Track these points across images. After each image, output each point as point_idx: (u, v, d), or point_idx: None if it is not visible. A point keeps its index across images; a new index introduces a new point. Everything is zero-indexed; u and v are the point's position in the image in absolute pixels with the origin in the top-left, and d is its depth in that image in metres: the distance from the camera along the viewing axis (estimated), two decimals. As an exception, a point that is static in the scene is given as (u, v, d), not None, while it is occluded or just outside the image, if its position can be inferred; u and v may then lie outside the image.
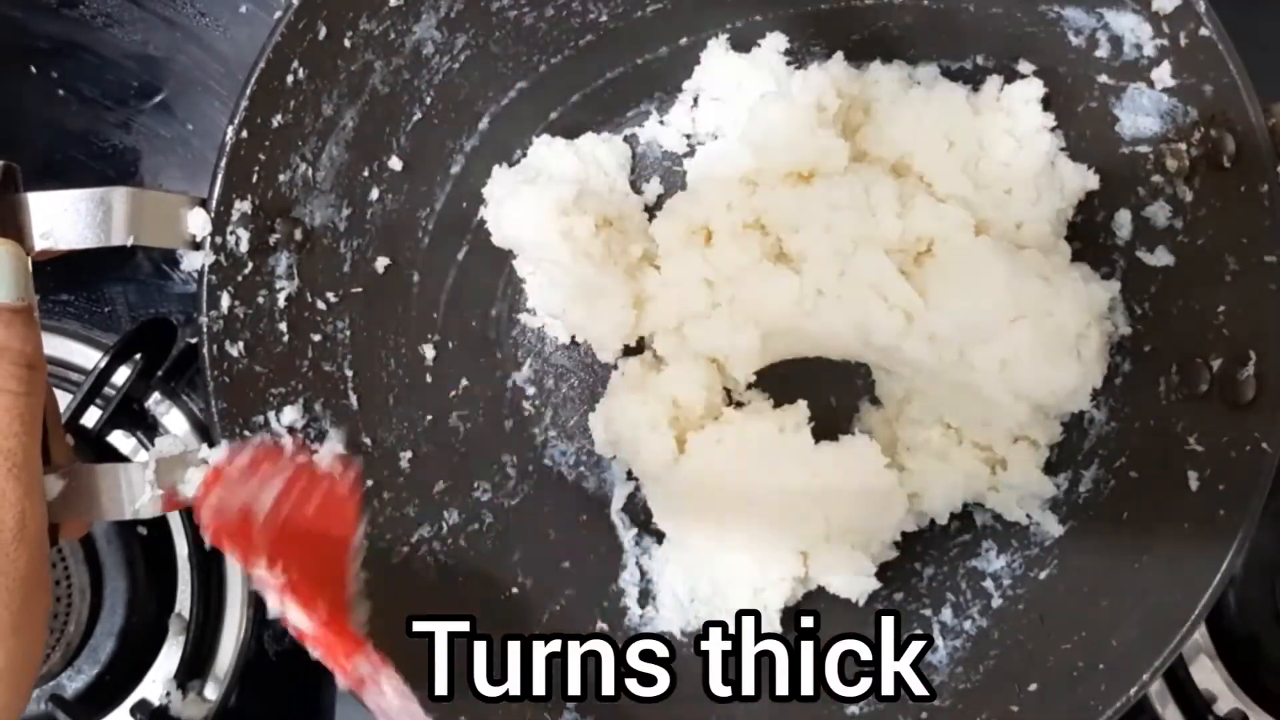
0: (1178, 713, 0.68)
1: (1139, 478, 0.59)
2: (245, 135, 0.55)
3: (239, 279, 0.56)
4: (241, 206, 0.55)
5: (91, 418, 0.70)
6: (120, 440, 0.73)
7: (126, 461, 0.65)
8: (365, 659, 0.49)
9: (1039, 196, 0.62)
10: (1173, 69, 0.55)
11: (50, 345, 0.72)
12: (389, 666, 0.49)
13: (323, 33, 0.57)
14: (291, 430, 0.58)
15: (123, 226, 0.50)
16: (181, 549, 0.71)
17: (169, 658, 0.70)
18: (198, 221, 0.54)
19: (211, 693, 0.71)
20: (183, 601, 0.71)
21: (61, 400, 0.66)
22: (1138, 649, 0.54)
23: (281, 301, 0.58)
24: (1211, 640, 0.68)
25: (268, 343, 0.58)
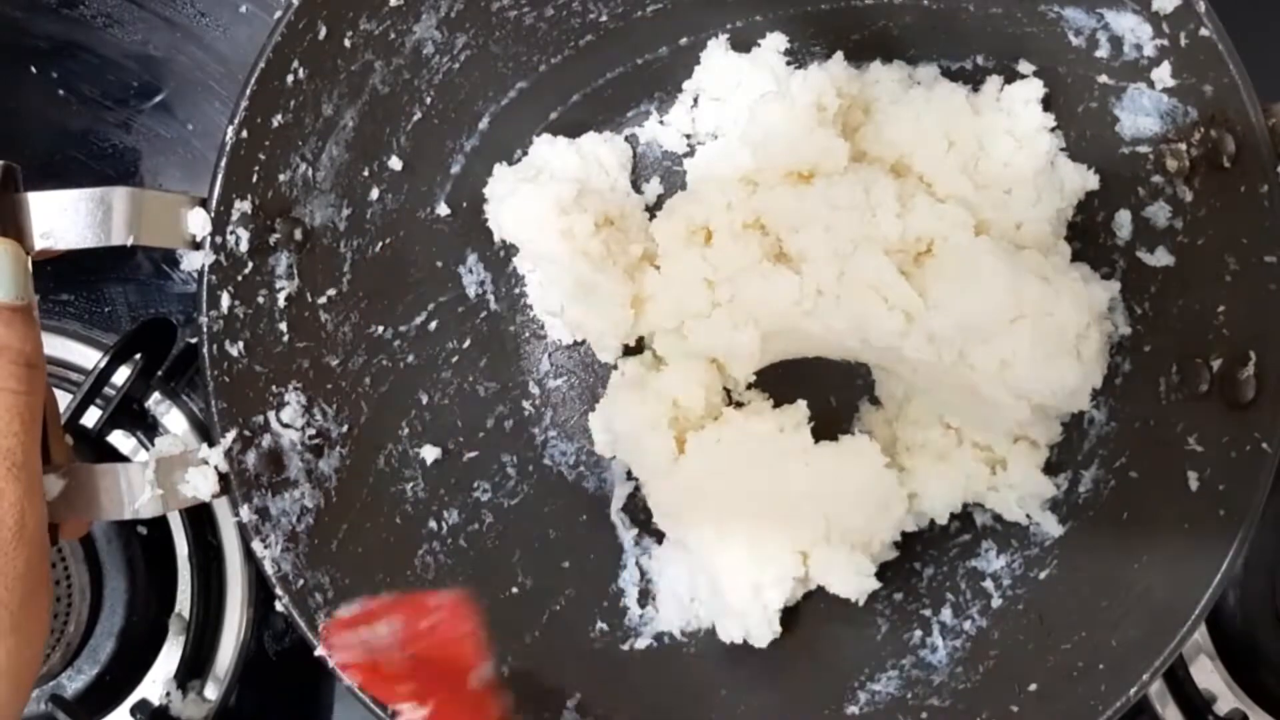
0: (1178, 713, 0.68)
1: (1139, 478, 0.59)
2: (245, 135, 0.55)
3: (239, 279, 0.56)
4: (241, 206, 0.55)
5: (91, 418, 0.70)
6: (120, 440, 0.73)
7: (126, 461, 0.65)
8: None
9: (1039, 196, 0.62)
10: (1173, 69, 0.55)
11: (50, 345, 0.71)
12: None
13: (323, 33, 0.57)
14: (290, 428, 0.58)
15: (123, 226, 0.50)
16: (181, 549, 0.71)
17: (169, 658, 0.70)
18: (198, 221, 0.54)
19: (211, 693, 0.71)
20: (183, 601, 0.71)
21: (61, 400, 0.66)
22: (1138, 649, 0.54)
23: (281, 301, 0.58)
24: (1211, 640, 0.68)
25: (268, 343, 0.58)
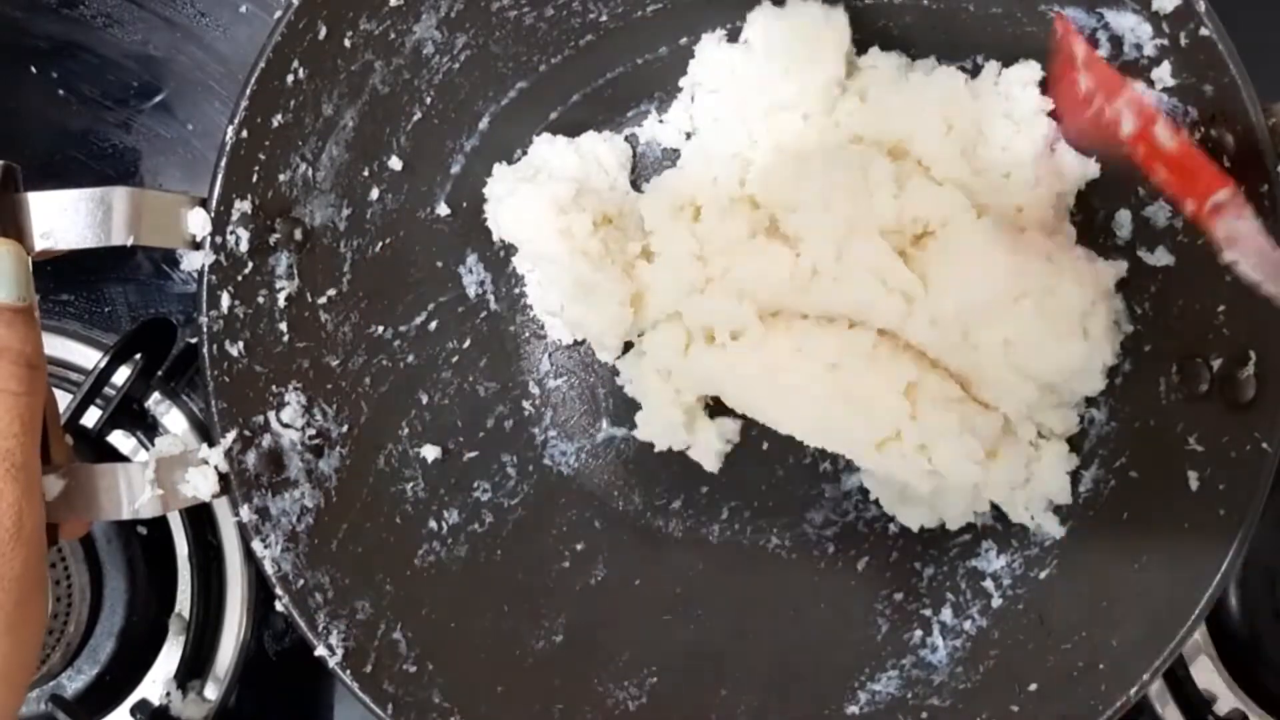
0: (1178, 713, 0.68)
1: (1139, 478, 0.59)
2: (245, 135, 0.55)
3: (239, 279, 0.56)
4: (241, 206, 0.55)
5: (91, 418, 0.70)
6: (120, 440, 0.73)
7: (126, 461, 0.65)
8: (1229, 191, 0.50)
9: (1037, 180, 0.61)
10: (1173, 69, 0.55)
11: (50, 345, 0.71)
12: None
13: (323, 33, 0.57)
14: (290, 428, 0.58)
15: (123, 226, 0.50)
16: (181, 549, 0.71)
17: (169, 658, 0.70)
18: (198, 221, 0.54)
19: (211, 693, 0.71)
20: (183, 601, 0.71)
21: (61, 400, 0.66)
22: (1138, 649, 0.54)
23: (281, 301, 0.58)
24: (1211, 640, 0.68)
25: (268, 343, 0.58)
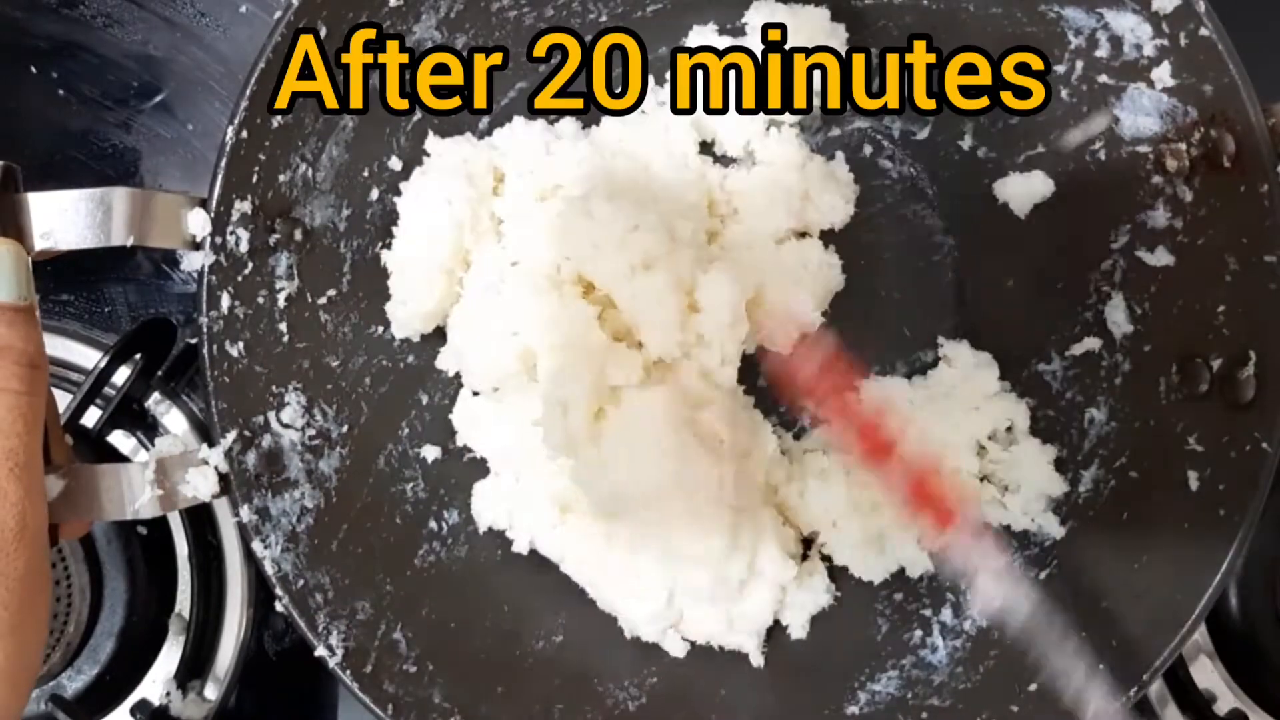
0: (1178, 713, 0.68)
1: (1139, 478, 0.59)
2: (245, 135, 0.55)
3: (239, 279, 0.56)
4: (241, 206, 0.55)
5: (91, 418, 0.70)
6: (120, 440, 0.73)
7: (126, 461, 0.65)
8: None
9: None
10: (1173, 69, 0.55)
11: (50, 345, 0.71)
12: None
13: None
14: (290, 429, 0.58)
15: (123, 226, 0.50)
16: (181, 549, 0.71)
17: (169, 658, 0.70)
18: (198, 221, 0.54)
19: (211, 693, 0.71)
20: (183, 601, 0.71)
21: (61, 400, 0.66)
22: (1138, 649, 0.54)
23: (281, 301, 0.58)
24: (1211, 640, 0.69)
25: (268, 343, 0.58)
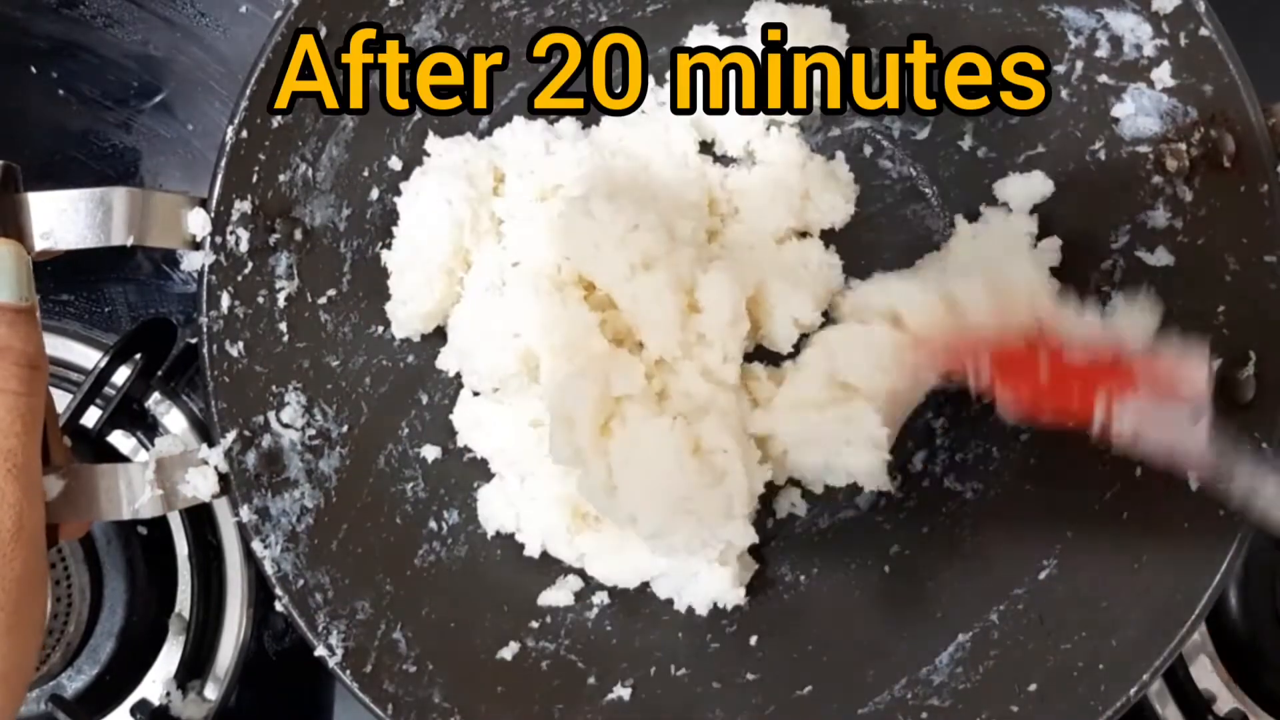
0: (1178, 713, 0.68)
1: (1139, 478, 0.59)
2: (245, 135, 0.55)
3: (239, 279, 0.56)
4: (241, 206, 0.55)
5: (91, 418, 0.70)
6: (120, 440, 0.73)
7: (126, 461, 0.65)
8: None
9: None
10: (1173, 69, 0.55)
11: (50, 345, 0.71)
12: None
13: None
14: (290, 428, 0.58)
15: (123, 226, 0.50)
16: (181, 549, 0.71)
17: (169, 658, 0.70)
18: (198, 221, 0.54)
19: (211, 693, 0.71)
20: (183, 601, 0.71)
21: (61, 400, 0.66)
22: (1138, 649, 0.54)
23: (281, 301, 0.58)
24: (1211, 640, 0.68)
25: (268, 343, 0.58)
